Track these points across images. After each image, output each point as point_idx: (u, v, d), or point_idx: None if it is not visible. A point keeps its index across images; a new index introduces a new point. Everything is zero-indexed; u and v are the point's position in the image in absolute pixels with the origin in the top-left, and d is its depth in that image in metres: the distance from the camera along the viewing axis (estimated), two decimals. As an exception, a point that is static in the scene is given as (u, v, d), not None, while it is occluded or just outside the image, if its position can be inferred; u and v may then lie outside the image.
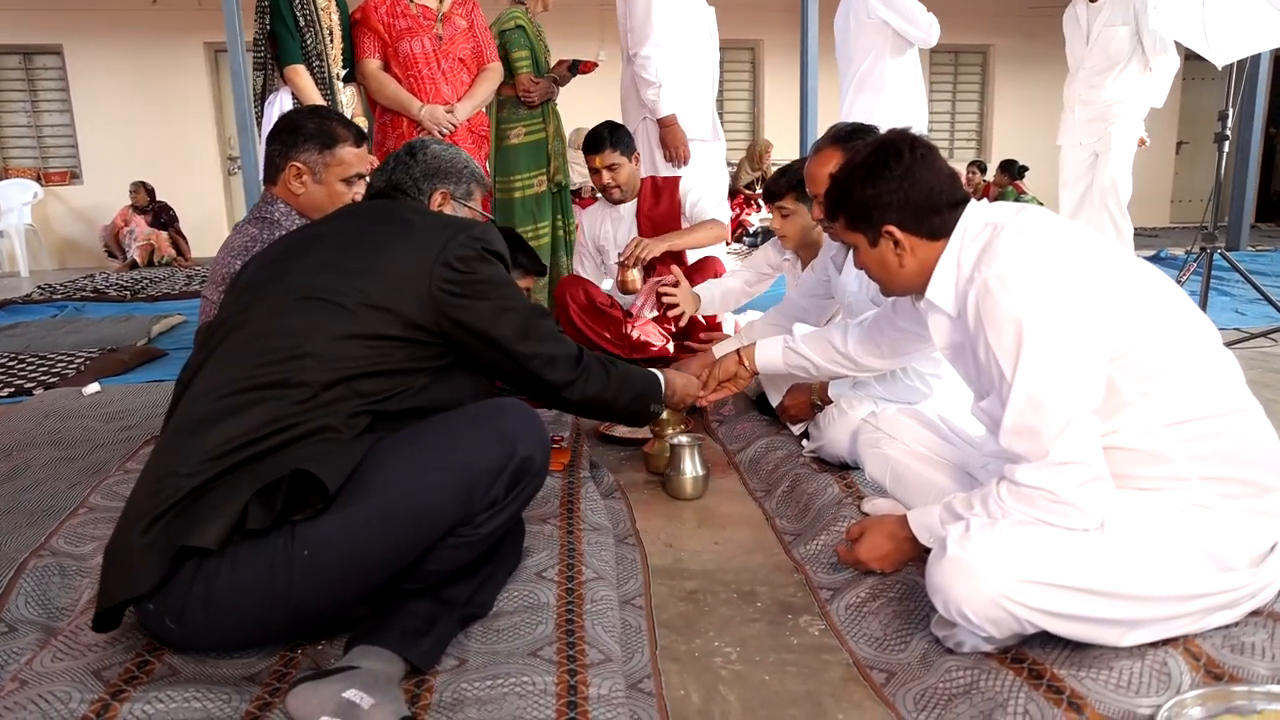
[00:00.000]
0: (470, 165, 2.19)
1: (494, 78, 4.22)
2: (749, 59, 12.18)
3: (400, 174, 2.12)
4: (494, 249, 1.88)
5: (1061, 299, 1.55)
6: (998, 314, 1.58)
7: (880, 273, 1.89)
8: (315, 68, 3.84)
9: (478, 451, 1.64)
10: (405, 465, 1.59)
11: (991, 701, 1.52)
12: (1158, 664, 1.52)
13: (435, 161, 2.14)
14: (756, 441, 2.97)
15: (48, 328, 5.86)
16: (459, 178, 2.17)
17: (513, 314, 1.87)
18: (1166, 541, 1.55)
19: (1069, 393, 1.54)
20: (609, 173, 3.98)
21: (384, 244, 1.81)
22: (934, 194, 1.76)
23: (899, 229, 1.78)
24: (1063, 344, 1.54)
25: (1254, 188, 8.86)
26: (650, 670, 1.71)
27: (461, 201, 2.17)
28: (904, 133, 1.83)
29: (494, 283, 1.86)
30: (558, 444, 2.89)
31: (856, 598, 1.93)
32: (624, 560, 2.18)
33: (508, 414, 1.74)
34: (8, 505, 2.42)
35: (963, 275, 1.73)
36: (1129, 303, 1.60)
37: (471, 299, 1.81)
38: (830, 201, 1.89)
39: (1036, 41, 11.96)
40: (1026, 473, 1.58)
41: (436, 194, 2.13)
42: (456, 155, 2.18)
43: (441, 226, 1.87)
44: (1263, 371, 3.93)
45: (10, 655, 1.71)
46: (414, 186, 2.11)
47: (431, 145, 2.16)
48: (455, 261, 1.79)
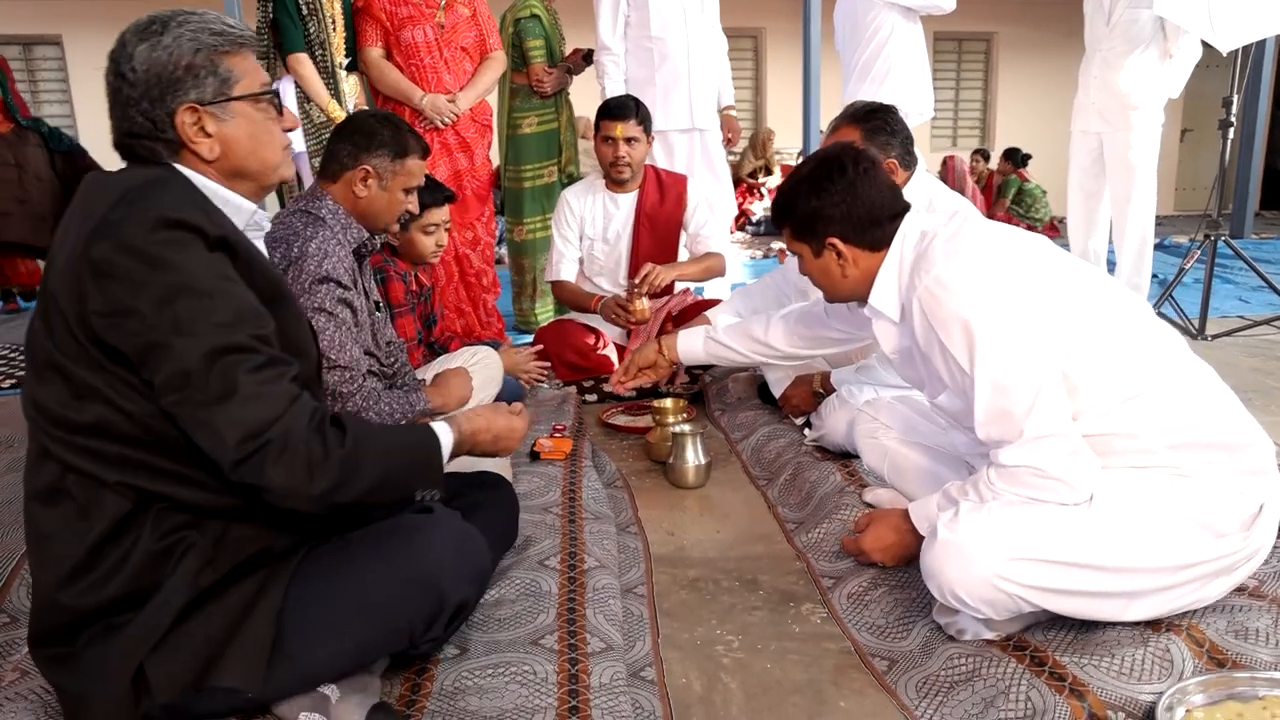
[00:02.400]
0: (203, 37, 1.39)
1: (497, 67, 4.20)
2: (751, 47, 12.14)
3: (125, 118, 1.40)
4: (165, 216, 1.26)
5: (999, 291, 1.62)
6: (944, 316, 1.64)
7: (824, 281, 1.95)
8: (318, 56, 3.83)
9: (403, 606, 1.42)
10: (324, 627, 1.38)
11: (993, 689, 1.51)
12: (1160, 650, 1.52)
13: (150, 70, 1.36)
14: (758, 430, 2.97)
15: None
16: (194, 71, 1.38)
17: (176, 343, 1.24)
18: (1155, 512, 1.57)
19: (1028, 371, 1.57)
20: (626, 145, 3.63)
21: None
22: (875, 208, 1.83)
23: (841, 241, 1.85)
24: (1010, 329, 1.59)
25: (1258, 175, 8.83)
26: (652, 658, 1.72)
27: (224, 99, 1.41)
28: (848, 147, 1.91)
29: (149, 287, 1.24)
30: (560, 432, 2.89)
31: (858, 586, 1.93)
32: (626, 549, 2.19)
33: (431, 548, 1.45)
34: (9, 496, 2.42)
35: (904, 283, 1.80)
36: (1061, 291, 1.66)
37: (117, 326, 1.25)
38: (776, 212, 1.96)
39: (1041, 29, 11.91)
40: (1009, 453, 1.60)
41: (180, 117, 1.37)
42: (175, 38, 1.38)
43: (89, 213, 1.31)
44: (1265, 359, 3.92)
45: (12, 645, 1.72)
46: (150, 127, 1.39)
47: (135, 48, 1.37)
48: (100, 255, 1.24)
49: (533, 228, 4.62)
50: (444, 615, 1.46)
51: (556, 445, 2.72)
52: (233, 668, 1.31)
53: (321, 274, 2.15)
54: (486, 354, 2.95)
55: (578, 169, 4.71)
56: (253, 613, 1.33)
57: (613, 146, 3.63)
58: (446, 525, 1.49)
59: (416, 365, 2.83)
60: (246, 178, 1.45)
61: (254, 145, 1.44)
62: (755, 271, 6.95)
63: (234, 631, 1.32)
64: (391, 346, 2.53)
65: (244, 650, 1.32)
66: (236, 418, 1.24)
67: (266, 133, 1.46)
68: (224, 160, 1.41)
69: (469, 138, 4.09)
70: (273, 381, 1.28)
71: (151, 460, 1.30)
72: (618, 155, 3.63)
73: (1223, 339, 4.28)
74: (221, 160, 1.41)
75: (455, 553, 1.47)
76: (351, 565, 1.41)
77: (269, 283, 1.38)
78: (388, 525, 1.47)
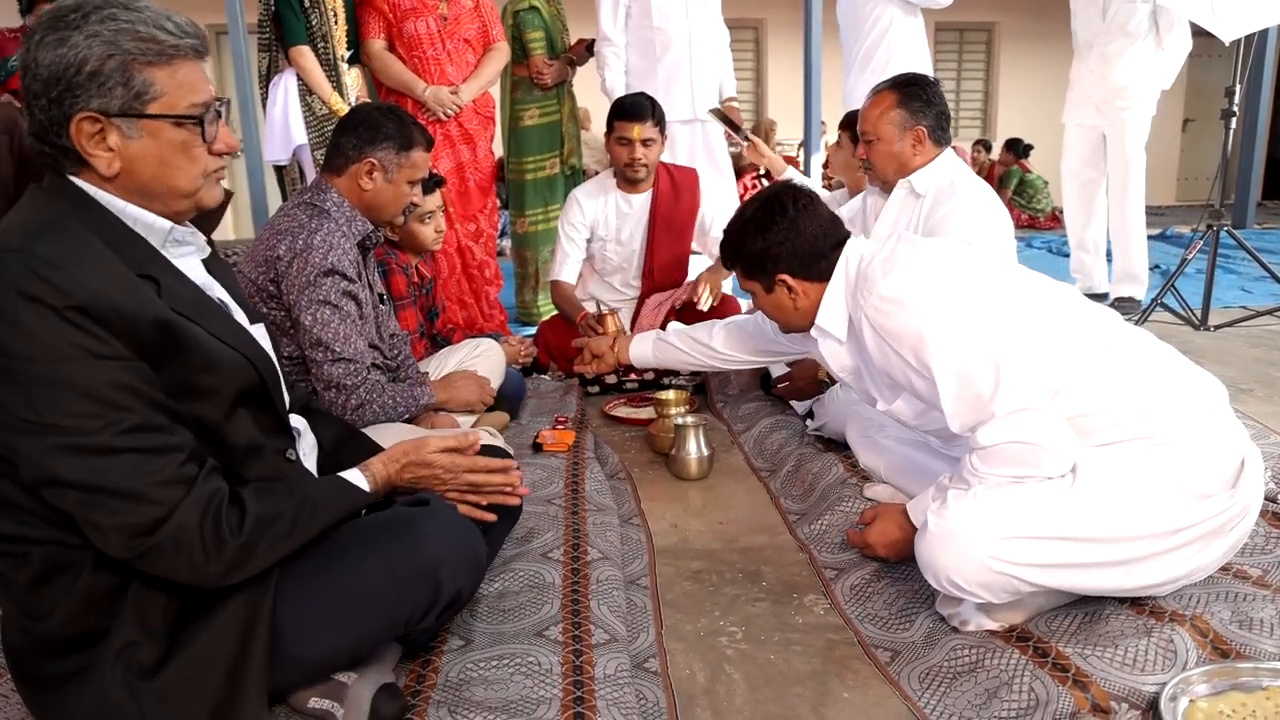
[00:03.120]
0: (122, 40, 1.21)
1: (500, 58, 4.19)
2: (752, 38, 12.10)
3: (30, 113, 1.25)
4: (15, 287, 1.12)
5: (939, 292, 1.71)
6: (895, 326, 1.73)
7: (777, 314, 2.05)
8: (320, 49, 3.82)
9: (400, 599, 1.40)
10: (322, 623, 1.36)
11: (997, 679, 1.52)
12: (1164, 641, 1.52)
13: (52, 70, 1.20)
14: (760, 421, 2.97)
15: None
16: (99, 79, 1.21)
17: (26, 443, 1.15)
18: (1137, 480, 1.59)
19: (984, 354, 1.63)
20: (643, 148, 3.50)
21: None
22: (817, 240, 1.93)
23: (791, 276, 1.94)
24: (957, 321, 1.67)
25: (1261, 165, 8.79)
26: (656, 649, 1.72)
27: (133, 114, 1.24)
28: (786, 185, 2.01)
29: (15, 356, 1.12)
30: (562, 424, 2.89)
31: (861, 577, 1.93)
32: (629, 540, 2.19)
33: (427, 541, 1.42)
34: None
35: (849, 302, 1.90)
36: (992, 290, 1.74)
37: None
38: (725, 253, 2.05)
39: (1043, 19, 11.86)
40: (986, 433, 1.62)
41: (74, 125, 1.22)
42: (87, 36, 1.20)
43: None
44: (1269, 349, 3.91)
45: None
46: (45, 126, 1.24)
47: (44, 39, 1.20)
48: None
49: (535, 220, 4.61)
50: (439, 605, 1.45)
51: (559, 437, 2.73)
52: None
53: (326, 266, 2.16)
54: (489, 346, 2.96)
55: (580, 161, 4.70)
56: (248, 652, 1.29)
57: (629, 148, 3.51)
58: (440, 515, 1.48)
59: (419, 357, 2.83)
60: (151, 199, 1.29)
61: (161, 170, 1.27)
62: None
63: (234, 674, 1.28)
64: (395, 339, 2.53)
65: (246, 694, 1.28)
66: (121, 522, 1.17)
67: (182, 157, 1.28)
68: (124, 179, 1.26)
69: (472, 129, 4.08)
70: (155, 472, 1.18)
71: (64, 530, 1.22)
72: (634, 157, 3.51)
73: (1225, 329, 4.27)
74: (122, 178, 1.26)
75: (451, 544, 1.45)
76: (348, 560, 1.38)
77: (153, 329, 1.21)
78: (383, 518, 1.45)
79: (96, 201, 1.26)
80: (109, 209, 1.27)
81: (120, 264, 1.21)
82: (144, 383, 1.19)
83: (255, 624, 1.30)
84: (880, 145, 2.66)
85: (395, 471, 1.55)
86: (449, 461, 1.59)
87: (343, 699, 1.40)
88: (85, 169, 1.25)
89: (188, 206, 1.34)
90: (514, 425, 2.98)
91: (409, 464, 1.56)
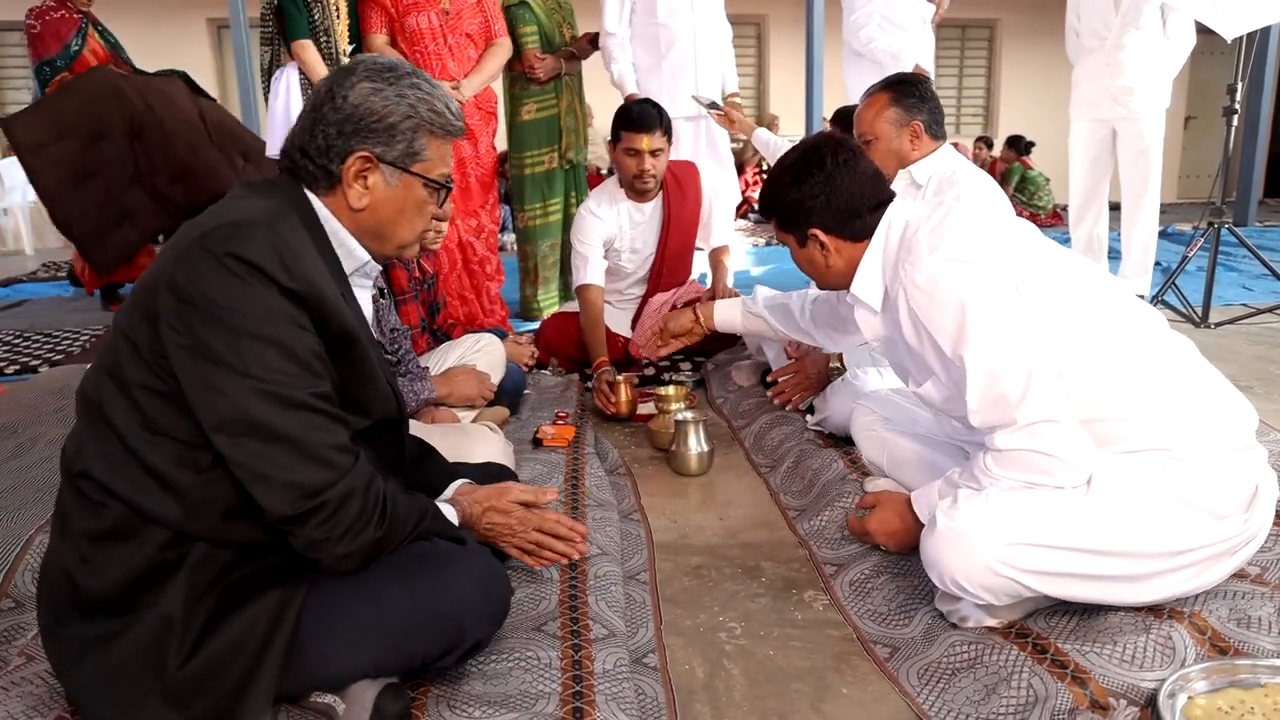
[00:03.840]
0: (420, 109, 1.43)
1: (502, 53, 4.18)
2: (754, 34, 12.10)
3: (309, 128, 1.42)
4: (244, 256, 1.24)
5: (985, 281, 1.62)
6: (933, 309, 1.64)
7: (810, 270, 1.99)
8: (322, 43, 3.82)
9: (421, 636, 1.41)
10: (342, 642, 1.38)
11: (995, 675, 1.52)
12: (1162, 638, 1.52)
13: (357, 109, 1.40)
14: (760, 417, 2.97)
15: (52, 306, 5.86)
16: (392, 132, 1.42)
17: (230, 384, 1.23)
18: (1153, 496, 1.57)
19: (1019, 357, 1.57)
20: (652, 159, 3.41)
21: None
22: (855, 198, 1.85)
23: (823, 232, 1.87)
24: (999, 317, 1.59)
25: (1263, 162, 8.79)
26: (655, 645, 1.72)
27: (399, 166, 1.44)
28: (829, 138, 1.92)
29: (219, 323, 1.23)
30: (563, 420, 2.89)
31: (860, 573, 1.93)
32: (628, 536, 2.19)
33: (458, 584, 1.43)
34: (14, 482, 2.43)
35: (888, 272, 1.83)
36: (1043, 279, 1.66)
37: (183, 349, 1.24)
38: (762, 203, 1.99)
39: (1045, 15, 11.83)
40: (1005, 438, 1.60)
41: (352, 160, 1.41)
42: (399, 93, 1.42)
43: (194, 225, 1.32)
44: (1269, 347, 3.91)
45: (17, 630, 1.72)
46: (322, 149, 1.41)
47: (361, 82, 1.41)
48: (181, 283, 1.24)
49: (533, 214, 4.60)
50: (459, 650, 1.45)
51: (559, 432, 2.73)
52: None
53: None
54: (489, 341, 2.96)
55: (579, 155, 4.68)
56: (266, 653, 1.32)
57: (637, 159, 3.42)
58: (476, 563, 1.48)
59: (420, 352, 2.83)
60: (372, 238, 1.48)
61: (396, 217, 1.47)
62: (758, 259, 6.95)
63: (250, 671, 1.31)
64: (396, 333, 2.53)
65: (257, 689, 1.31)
66: (296, 479, 1.25)
67: (415, 213, 1.49)
68: (364, 215, 1.45)
69: (473, 125, 4.07)
70: (335, 437, 1.30)
71: (149, 499, 1.29)
72: (642, 169, 3.43)
73: (1226, 327, 4.27)
74: (363, 214, 1.44)
75: (481, 593, 1.45)
76: (378, 587, 1.39)
77: (340, 334, 1.35)
78: (418, 551, 1.44)
79: (318, 216, 1.43)
80: (325, 226, 1.44)
81: (327, 270, 1.37)
82: (328, 364, 1.33)
83: (279, 627, 1.32)
84: (879, 144, 2.69)
85: (479, 513, 1.65)
86: (523, 515, 1.67)
87: (344, 694, 1.40)
88: (328, 191, 1.44)
89: (392, 252, 1.53)
90: (514, 420, 2.97)
91: (490, 508, 1.66)
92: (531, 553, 1.68)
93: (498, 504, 1.66)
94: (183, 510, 1.28)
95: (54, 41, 4.97)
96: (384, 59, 1.47)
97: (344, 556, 1.33)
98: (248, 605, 1.32)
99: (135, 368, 1.27)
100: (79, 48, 5.01)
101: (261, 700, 1.31)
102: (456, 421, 2.52)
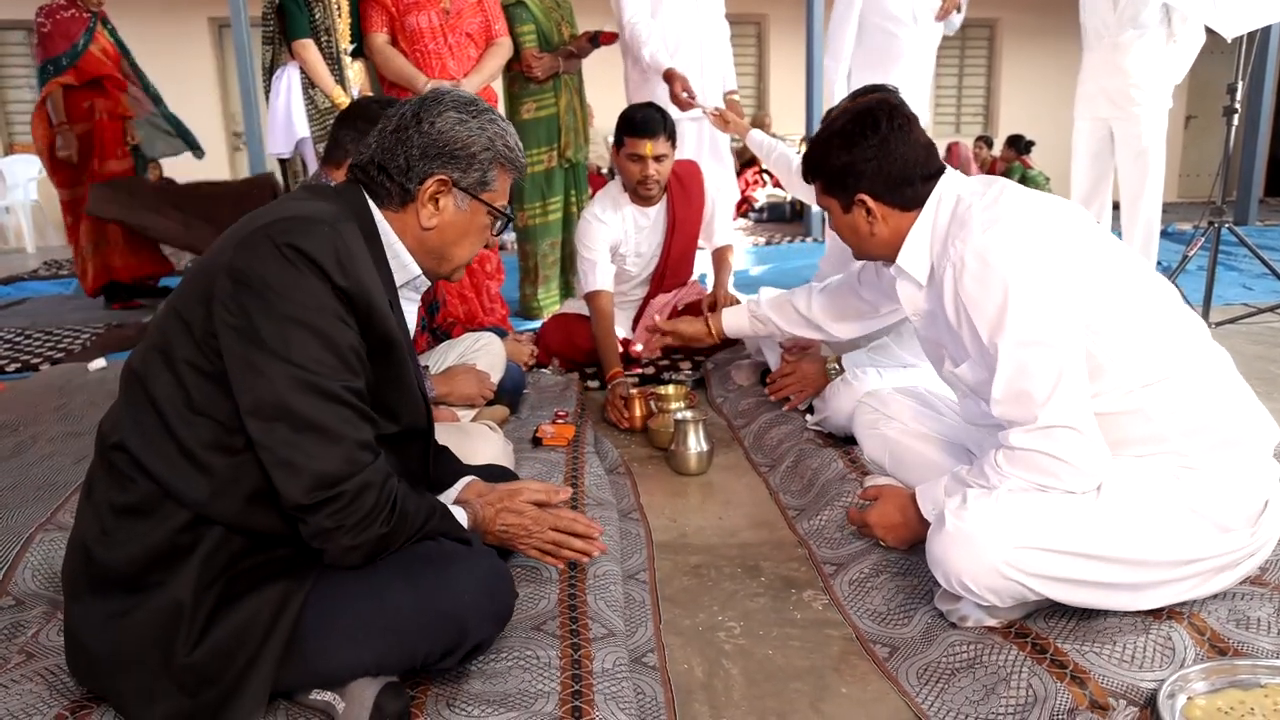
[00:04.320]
0: (497, 143, 1.56)
1: (503, 52, 4.18)
2: (754, 33, 12.09)
3: (390, 147, 1.51)
4: (303, 248, 1.30)
5: (1042, 267, 1.57)
6: (978, 290, 1.61)
7: (852, 238, 1.92)
8: (324, 43, 3.82)
9: (423, 636, 1.41)
10: (343, 639, 1.38)
11: (995, 675, 1.52)
12: (1162, 638, 1.52)
13: (442, 135, 1.51)
14: (760, 417, 2.97)
15: (53, 304, 5.86)
16: (471, 160, 1.52)
17: (271, 368, 1.27)
18: (1163, 506, 1.56)
19: (1054, 357, 1.55)
20: (656, 164, 3.39)
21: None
22: (908, 165, 1.78)
23: (871, 198, 1.80)
24: (1044, 311, 1.56)
25: (1263, 161, 8.77)
26: (654, 644, 1.72)
27: (471, 193, 1.54)
28: (885, 101, 1.83)
29: (270, 307, 1.28)
30: (562, 419, 2.89)
31: (860, 573, 1.93)
32: (628, 535, 2.19)
33: (461, 585, 1.43)
34: (15, 480, 2.43)
35: (935, 248, 1.77)
36: (1097, 270, 1.62)
37: (232, 330, 1.29)
38: (807, 164, 1.91)
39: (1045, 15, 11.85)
40: (1020, 436, 1.58)
41: (431, 181, 1.50)
42: (481, 126, 1.54)
43: (256, 216, 1.39)
44: (1270, 347, 3.91)
45: (17, 628, 1.72)
46: (403, 168, 1.50)
47: (448, 111, 1.52)
48: (240, 266, 1.30)
49: (533, 213, 4.60)
50: (460, 651, 1.45)
51: (559, 431, 2.72)
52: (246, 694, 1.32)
53: None
54: (489, 340, 2.96)
55: (579, 154, 4.66)
56: (266, 645, 1.33)
57: (641, 165, 3.39)
58: (480, 563, 1.48)
59: (420, 351, 2.83)
60: (433, 257, 1.57)
61: (458, 238, 1.57)
62: (758, 259, 6.95)
63: (250, 659, 1.32)
64: (395, 332, 2.53)
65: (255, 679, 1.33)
66: (319, 468, 1.28)
67: (475, 238, 1.60)
68: (431, 234, 1.53)
69: (474, 125, 4.07)
70: (361, 432, 1.34)
71: (178, 478, 1.33)
72: (646, 174, 3.40)
73: (1226, 326, 4.27)
74: (430, 234, 1.53)
75: (485, 593, 1.45)
76: (381, 584, 1.39)
77: (382, 338, 1.40)
78: (423, 551, 1.44)
79: (377, 228, 1.51)
80: (384, 238, 1.52)
81: (378, 277, 1.43)
82: (366, 363, 1.38)
83: (281, 617, 1.34)
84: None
85: (492, 515, 1.64)
86: (537, 514, 1.65)
87: (344, 692, 1.40)
88: (398, 208, 1.52)
89: (446, 272, 1.62)
90: (513, 419, 2.97)
91: (504, 509, 1.65)
92: (550, 553, 1.67)
93: (511, 505, 1.66)
94: (210, 491, 1.31)
95: (63, 41, 5.02)
96: (466, 94, 1.58)
97: (350, 548, 1.35)
98: (252, 595, 1.34)
99: (184, 345, 1.31)
100: (85, 44, 5.05)
101: (259, 690, 1.32)
102: (456, 420, 2.52)
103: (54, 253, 9.03)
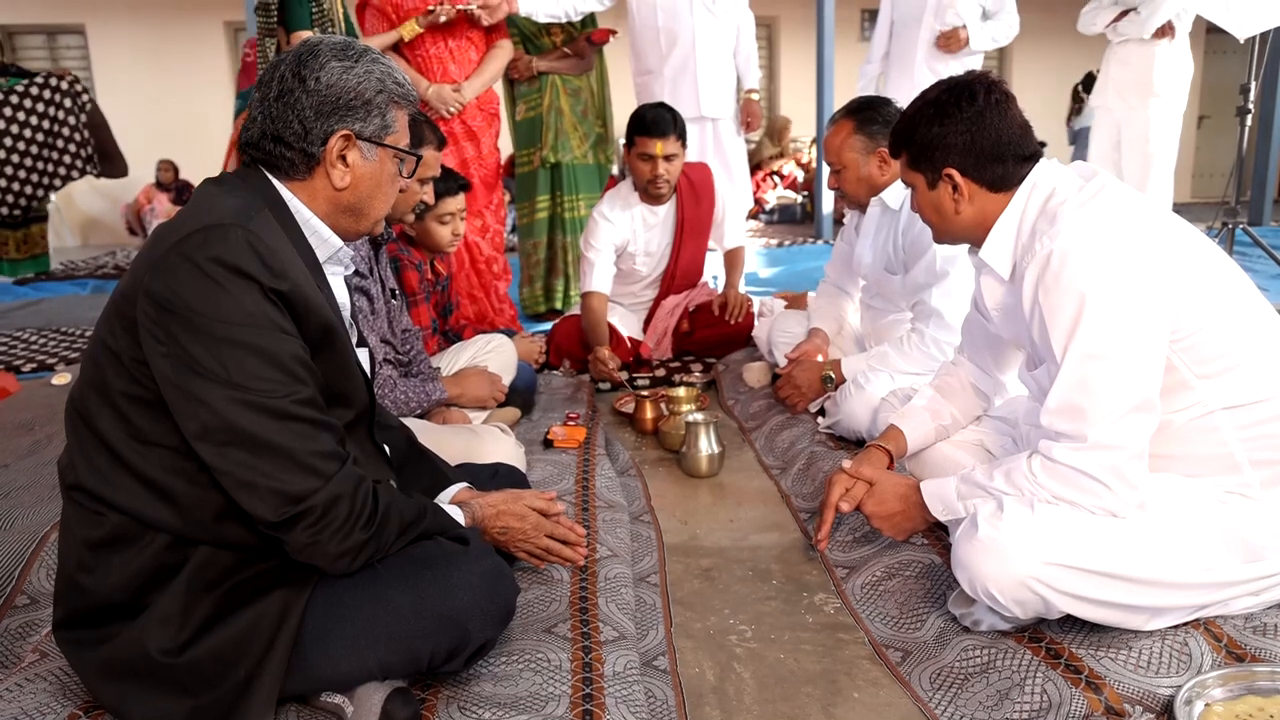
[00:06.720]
0: (387, 81, 1.45)
1: (503, 55, 4.18)
2: (765, 35, 12.07)
3: (280, 115, 1.39)
4: (225, 260, 1.23)
5: (1125, 280, 1.50)
6: (1056, 291, 1.54)
7: (934, 217, 1.82)
8: (326, 34, 3.81)
9: (425, 639, 1.39)
10: (345, 645, 1.36)
11: (1009, 680, 1.51)
12: (1178, 645, 1.51)
13: (332, 89, 1.39)
14: (771, 419, 2.96)
15: (70, 304, 5.89)
16: (368, 107, 1.42)
17: (211, 393, 1.22)
18: (1201, 529, 1.53)
19: (1119, 375, 1.50)
20: (666, 164, 3.41)
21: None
22: (1002, 143, 1.69)
23: (959, 173, 1.72)
24: (1119, 327, 1.49)
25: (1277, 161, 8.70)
26: (665, 647, 1.72)
27: (375, 140, 1.45)
28: (984, 75, 1.75)
29: (198, 332, 1.22)
30: (573, 421, 2.89)
31: (872, 576, 1.92)
32: (639, 537, 2.19)
33: (462, 586, 1.40)
34: (30, 479, 2.44)
35: (1021, 241, 1.68)
36: (1193, 282, 1.54)
37: (164, 359, 1.24)
38: (895, 137, 1.83)
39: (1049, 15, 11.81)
40: (1064, 452, 1.54)
41: (334, 139, 1.40)
42: (367, 69, 1.43)
43: (165, 232, 1.30)
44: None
45: (31, 627, 1.73)
46: (300, 134, 1.39)
47: (330, 61, 1.40)
48: (159, 290, 1.23)
49: (523, 213, 4.76)
50: (465, 652, 1.44)
51: (570, 433, 2.72)
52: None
53: None
54: (501, 341, 2.97)
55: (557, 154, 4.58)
56: (270, 654, 1.32)
57: (651, 165, 3.42)
58: (480, 563, 1.45)
59: (432, 353, 2.84)
60: (351, 215, 1.48)
61: (372, 191, 1.47)
62: (769, 261, 6.93)
63: (253, 673, 1.31)
64: (407, 334, 2.54)
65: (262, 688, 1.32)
66: (280, 487, 1.25)
67: (390, 186, 1.51)
68: (346, 192, 1.44)
69: (475, 127, 4.09)
70: (319, 444, 1.29)
71: (145, 505, 1.31)
72: (656, 174, 3.43)
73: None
74: (345, 191, 1.44)
75: (485, 593, 1.43)
76: (380, 588, 1.38)
77: (321, 329, 1.35)
78: (421, 553, 1.43)
79: (287, 205, 1.41)
80: (296, 216, 1.42)
81: (302, 263, 1.36)
82: (311, 367, 1.32)
83: (283, 626, 1.33)
84: (848, 172, 2.75)
85: (491, 515, 1.66)
86: (538, 521, 1.69)
87: (353, 695, 1.40)
88: (304, 176, 1.42)
89: (367, 229, 1.53)
90: (525, 421, 2.97)
91: (503, 512, 1.67)
92: (540, 557, 1.72)
93: (512, 509, 1.67)
94: (178, 516, 1.30)
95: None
96: (336, 38, 1.46)
97: (336, 557, 1.33)
98: (251, 605, 1.33)
99: (118, 377, 1.27)
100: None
101: (266, 697, 1.32)
102: (468, 422, 2.52)
103: (70, 254, 9.07)
